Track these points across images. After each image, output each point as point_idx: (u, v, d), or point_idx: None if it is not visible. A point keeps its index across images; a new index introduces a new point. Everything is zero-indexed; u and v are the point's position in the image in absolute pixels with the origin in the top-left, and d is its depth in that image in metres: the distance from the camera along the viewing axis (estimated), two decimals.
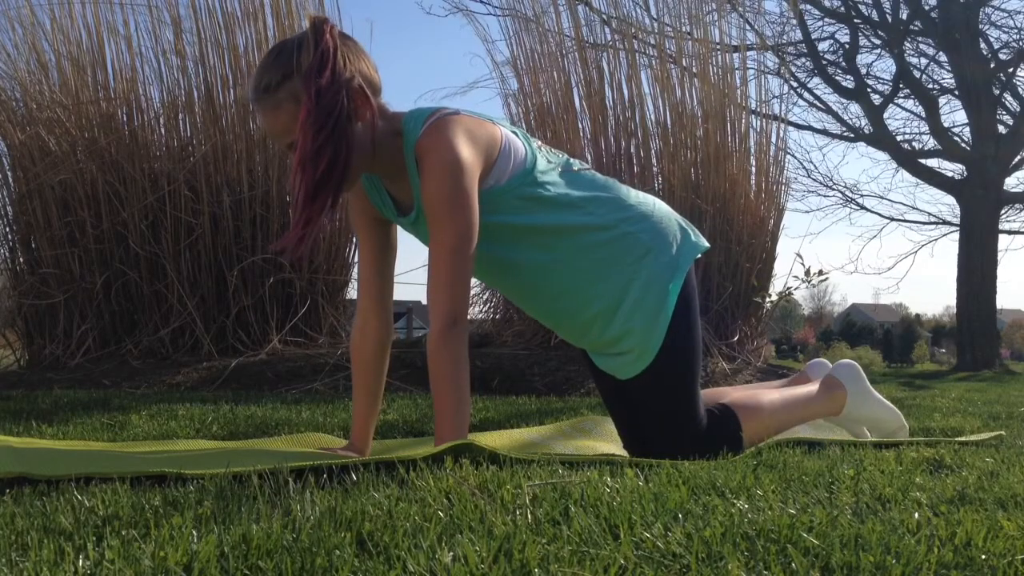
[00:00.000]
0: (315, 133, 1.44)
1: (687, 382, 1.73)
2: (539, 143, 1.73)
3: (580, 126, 5.07)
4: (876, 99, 12.38)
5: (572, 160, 1.75)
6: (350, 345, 1.77)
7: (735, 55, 5.40)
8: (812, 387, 2.02)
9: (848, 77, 12.33)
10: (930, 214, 16.56)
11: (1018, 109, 12.08)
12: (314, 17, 1.52)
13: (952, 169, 12.75)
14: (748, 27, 6.61)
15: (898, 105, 12.98)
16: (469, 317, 1.59)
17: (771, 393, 1.94)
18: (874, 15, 12.13)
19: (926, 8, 11.76)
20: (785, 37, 11.62)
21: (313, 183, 1.45)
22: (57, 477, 1.24)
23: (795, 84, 12.12)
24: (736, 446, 1.73)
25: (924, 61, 12.55)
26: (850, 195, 14.16)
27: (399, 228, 1.77)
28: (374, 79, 1.55)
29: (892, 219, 14.43)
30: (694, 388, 1.74)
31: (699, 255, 1.80)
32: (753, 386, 2.15)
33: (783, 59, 10.71)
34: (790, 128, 12.02)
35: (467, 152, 1.52)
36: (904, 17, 11.76)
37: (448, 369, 1.49)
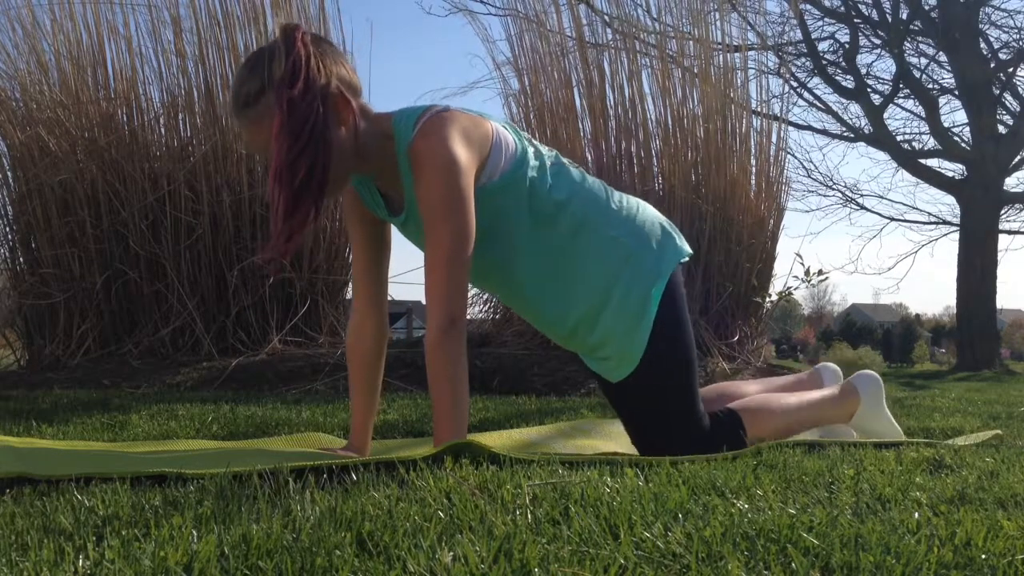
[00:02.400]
0: (290, 145, 1.42)
1: (677, 385, 1.72)
2: (528, 136, 1.72)
3: (580, 126, 5.07)
4: (876, 99, 12.39)
5: (561, 157, 1.74)
6: (346, 345, 1.77)
7: (735, 55, 5.40)
8: (828, 391, 2.01)
9: (848, 77, 12.34)
10: (930, 214, 16.59)
11: (1018, 109, 12.09)
12: (284, 24, 1.49)
13: (952, 169, 12.77)
14: (748, 27, 6.61)
15: (898, 105, 13.01)
16: (469, 317, 1.58)
17: (784, 397, 1.93)
18: (874, 15, 12.14)
19: (926, 8, 11.77)
20: (785, 37, 11.62)
21: (291, 196, 1.43)
22: (57, 477, 1.25)
23: (795, 84, 12.14)
24: (740, 442, 1.73)
25: (924, 61, 12.58)
26: (850, 195, 14.19)
27: (393, 226, 1.77)
28: (353, 81, 1.53)
29: (892, 219, 14.45)
30: (687, 390, 1.73)
31: (683, 260, 1.78)
32: (765, 383, 2.13)
33: (783, 59, 10.71)
34: (790, 128, 12.03)
35: (463, 152, 1.51)
36: (904, 17, 11.76)
37: (446, 370, 1.49)
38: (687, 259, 1.80)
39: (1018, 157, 12.00)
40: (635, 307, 1.69)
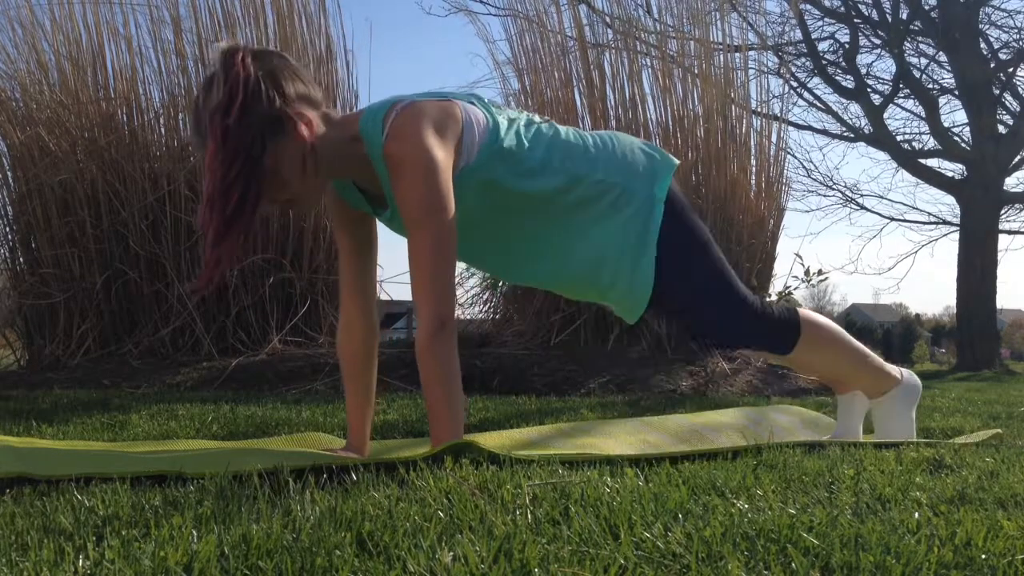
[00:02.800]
0: (223, 173, 1.40)
1: (709, 289, 1.80)
2: (497, 104, 1.71)
3: (581, 126, 5.07)
4: (876, 99, 12.38)
5: (532, 116, 1.73)
6: (337, 346, 1.77)
7: (735, 55, 5.40)
8: (883, 363, 2.04)
9: (848, 77, 12.33)
10: (930, 214, 16.57)
11: (1018, 109, 12.09)
12: (224, 48, 1.47)
13: (952, 169, 12.77)
14: (748, 27, 6.61)
15: (898, 105, 12.99)
16: (470, 317, 1.59)
17: (846, 335, 1.98)
18: (874, 15, 12.14)
19: (926, 8, 11.76)
20: (785, 37, 11.62)
21: (223, 222, 1.41)
22: (57, 477, 1.25)
23: (795, 84, 12.14)
24: (789, 342, 1.85)
25: (924, 61, 12.57)
26: (850, 195, 14.18)
27: (379, 223, 1.76)
28: (310, 94, 1.51)
29: (892, 219, 14.44)
30: (718, 279, 1.80)
31: (672, 172, 1.80)
32: None
33: (783, 59, 10.72)
34: (790, 128, 12.03)
35: (437, 147, 1.50)
36: (904, 17, 11.76)
37: (438, 372, 1.49)
38: (676, 167, 1.82)
39: (1018, 157, 11.99)
40: (635, 246, 1.72)
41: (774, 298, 5.15)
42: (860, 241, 43.19)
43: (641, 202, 1.72)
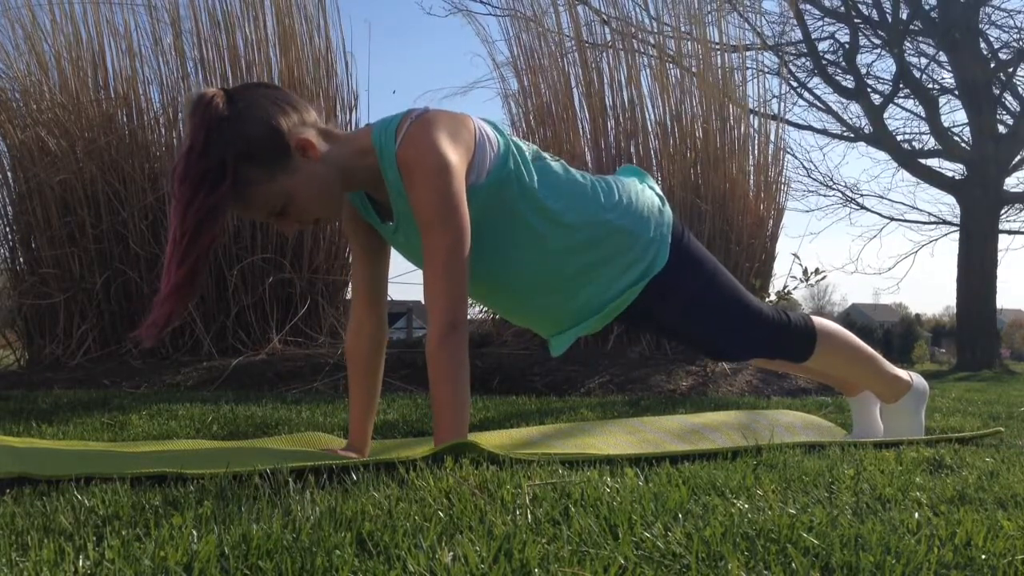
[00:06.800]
0: (181, 220, 1.41)
1: (728, 316, 1.82)
2: (509, 132, 1.71)
3: (580, 127, 5.06)
4: (876, 99, 12.39)
5: (542, 152, 1.73)
6: (345, 347, 1.77)
7: (735, 55, 5.40)
8: (895, 369, 2.06)
9: (848, 77, 12.35)
10: (930, 214, 16.60)
11: (1018, 109, 12.10)
12: (194, 98, 1.46)
13: (952, 169, 12.78)
14: (748, 27, 6.62)
15: (898, 105, 13.01)
16: (469, 317, 1.58)
17: (859, 342, 2.02)
18: (874, 15, 12.14)
19: (926, 8, 11.77)
20: (785, 37, 11.65)
21: (176, 279, 1.42)
22: (57, 477, 1.25)
23: (795, 84, 12.16)
24: (807, 351, 1.89)
25: (924, 61, 12.58)
26: (850, 195, 14.21)
27: None
28: (304, 118, 1.51)
29: (892, 219, 14.46)
30: (742, 309, 1.83)
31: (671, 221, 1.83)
32: None
33: (783, 59, 10.72)
34: (790, 128, 12.05)
35: (452, 153, 1.50)
36: (904, 17, 11.76)
37: (447, 372, 1.49)
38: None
39: (1018, 157, 12.00)
40: (624, 287, 1.73)
41: (773, 298, 5.15)
42: (860, 241, 43.23)
43: (646, 245, 1.73)
